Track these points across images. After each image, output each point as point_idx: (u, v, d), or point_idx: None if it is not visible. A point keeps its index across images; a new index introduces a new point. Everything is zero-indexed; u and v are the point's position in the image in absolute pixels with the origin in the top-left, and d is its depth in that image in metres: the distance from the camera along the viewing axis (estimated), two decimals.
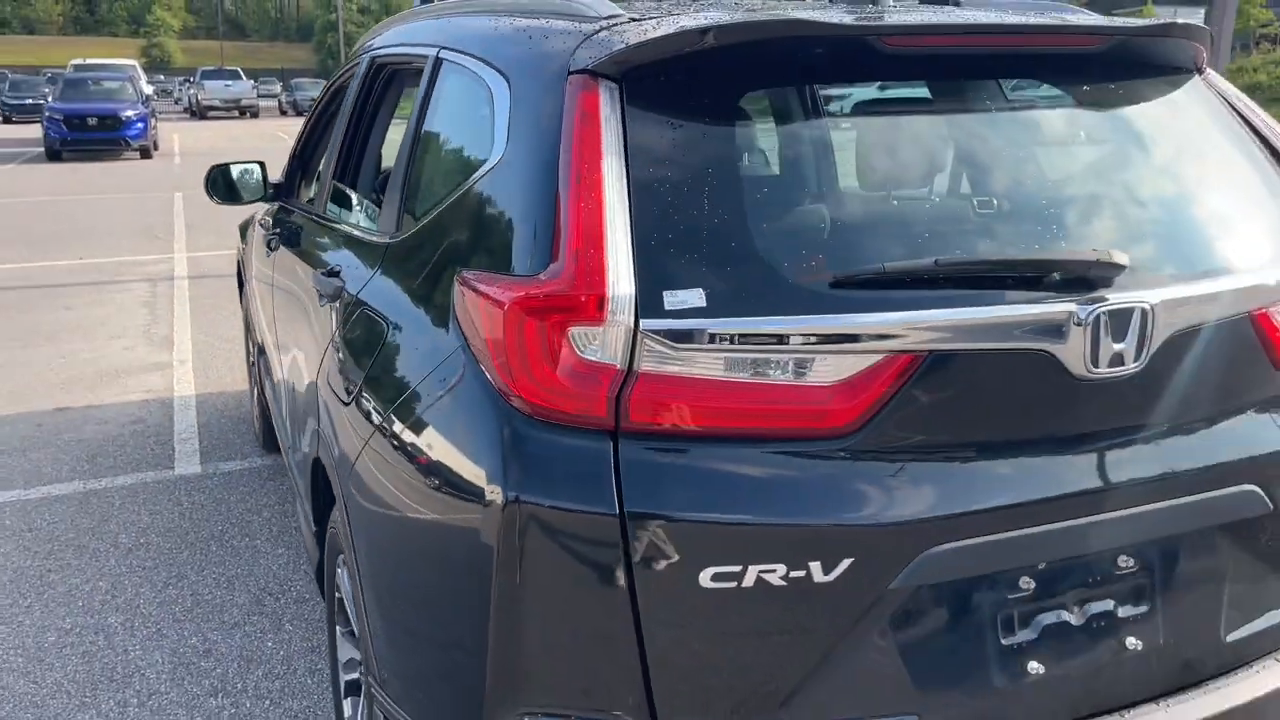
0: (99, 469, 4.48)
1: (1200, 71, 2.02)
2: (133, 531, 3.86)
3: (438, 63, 2.27)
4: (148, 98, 24.74)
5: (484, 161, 1.78)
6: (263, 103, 47.95)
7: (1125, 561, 1.70)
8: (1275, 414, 1.79)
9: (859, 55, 1.68)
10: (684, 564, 1.44)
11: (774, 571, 1.45)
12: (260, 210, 4.29)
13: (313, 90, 46.03)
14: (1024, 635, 1.63)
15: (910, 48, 1.68)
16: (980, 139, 1.78)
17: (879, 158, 1.80)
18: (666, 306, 1.44)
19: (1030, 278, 1.56)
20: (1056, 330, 1.54)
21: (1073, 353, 1.55)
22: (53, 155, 21.51)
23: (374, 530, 1.85)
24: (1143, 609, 1.72)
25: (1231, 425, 1.75)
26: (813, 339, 1.46)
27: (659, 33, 1.58)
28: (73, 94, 22.94)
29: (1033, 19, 1.79)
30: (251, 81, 43.10)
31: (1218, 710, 1.75)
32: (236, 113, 41.17)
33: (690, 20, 1.62)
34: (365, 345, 2.02)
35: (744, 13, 1.69)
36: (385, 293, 2.03)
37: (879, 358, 1.48)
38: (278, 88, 51.70)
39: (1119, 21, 1.89)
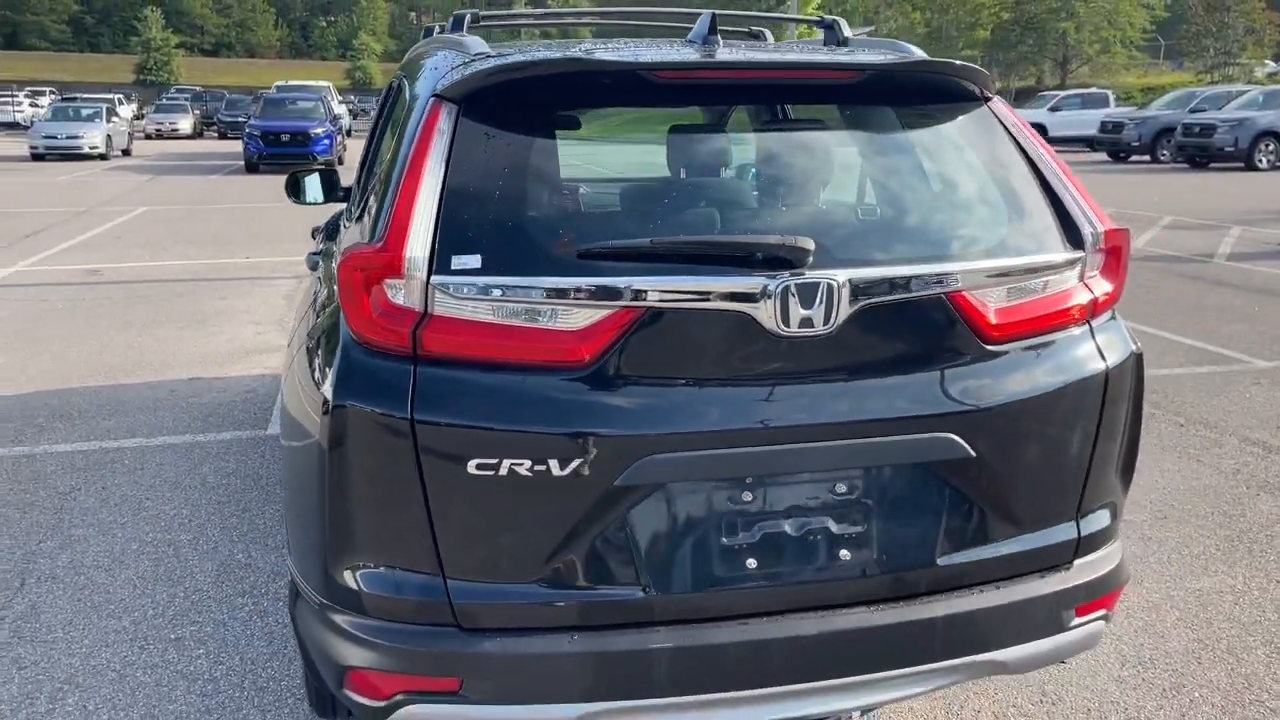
0: (208, 426, 5.33)
1: (986, 100, 2.41)
2: (219, 474, 4.64)
3: (399, 85, 2.88)
4: (336, 116, 26.82)
5: (392, 162, 2.36)
6: None
7: (842, 488, 2.12)
8: (977, 378, 2.16)
9: (634, 83, 2.18)
10: (455, 456, 1.96)
11: (521, 465, 1.96)
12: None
13: None
14: (745, 538, 2.07)
15: (675, 79, 2.17)
16: (721, 149, 2.25)
17: (637, 162, 2.30)
18: (453, 267, 1.98)
19: (732, 256, 2.01)
20: (751, 297, 1.98)
21: (766, 315, 1.99)
22: (250, 168, 23.67)
23: (284, 435, 2.46)
24: (858, 529, 2.12)
25: (933, 383, 2.13)
26: (558, 295, 1.97)
27: (489, 66, 2.13)
28: (271, 112, 25.18)
29: (775, 56, 2.25)
30: None
31: (920, 617, 2.14)
32: None
33: (517, 58, 2.17)
34: (309, 305, 2.65)
35: (559, 52, 2.22)
36: (325, 265, 2.66)
37: (609, 311, 1.97)
38: None
39: (881, 58, 2.32)
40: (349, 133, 32.02)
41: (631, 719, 2.07)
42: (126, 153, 30.31)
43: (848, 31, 2.96)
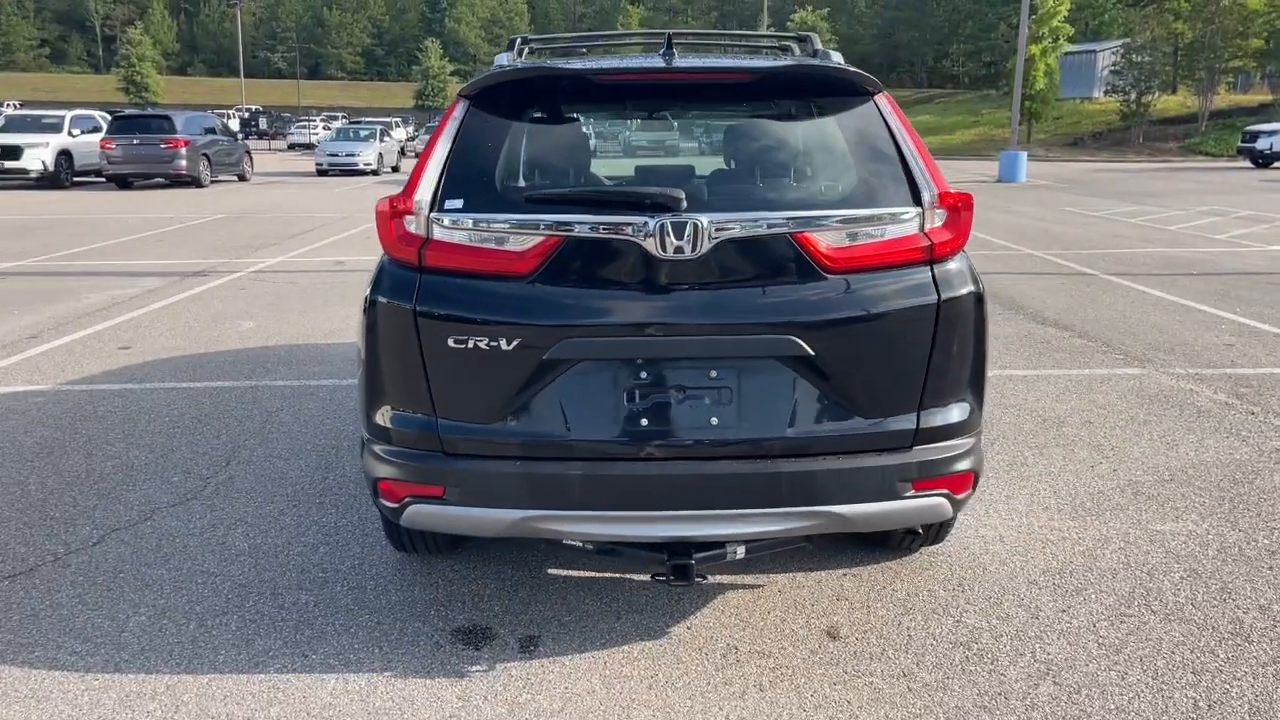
0: (335, 373, 6.61)
1: (872, 95, 3.16)
2: (318, 403, 5.87)
3: None
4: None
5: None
6: None
7: (713, 374, 2.94)
8: (816, 297, 2.91)
9: (586, 86, 3.10)
10: (441, 334, 2.94)
11: (482, 341, 2.91)
12: None
13: None
14: (641, 404, 2.93)
15: (614, 81, 3.07)
16: (647, 132, 3.11)
17: (587, 140, 3.19)
18: (445, 206, 2.97)
19: (627, 203, 2.89)
20: (639, 230, 2.85)
21: (651, 244, 2.85)
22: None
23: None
24: (726, 405, 2.94)
25: (779, 298, 2.91)
26: (510, 226, 2.92)
27: (492, 73, 3.12)
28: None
29: (694, 64, 3.10)
30: None
31: (771, 471, 2.92)
32: None
33: (509, 68, 3.14)
34: None
35: (537, 63, 3.17)
36: None
37: (541, 238, 2.90)
38: None
39: (779, 64, 3.13)
40: None
41: (552, 524, 2.98)
42: (395, 169, 33.76)
43: (818, 44, 3.77)
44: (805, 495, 2.96)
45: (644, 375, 2.95)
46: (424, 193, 3.00)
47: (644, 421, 2.94)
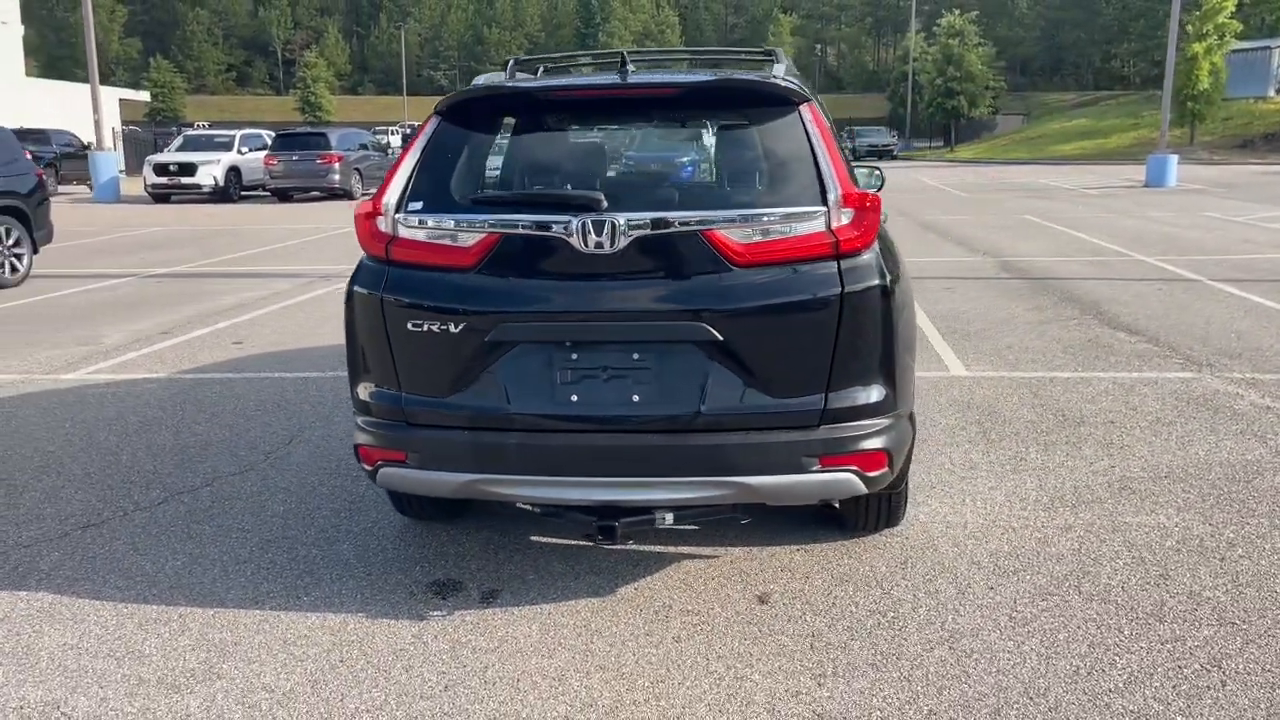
0: None
1: (797, 105, 3.45)
2: None
3: None
4: None
5: None
6: None
7: (635, 356, 3.30)
8: (725, 288, 3.22)
9: (536, 101, 3.51)
10: (403, 319, 3.40)
11: (434, 325, 3.36)
12: None
13: (873, 136, 49.09)
14: (572, 381, 3.32)
15: (559, 96, 3.47)
16: (591, 140, 3.49)
17: (536, 147, 3.60)
18: (409, 208, 3.43)
19: (555, 204, 3.28)
20: (563, 228, 3.24)
21: (575, 239, 3.23)
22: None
23: None
24: (647, 384, 3.29)
25: (691, 288, 3.24)
26: (458, 225, 3.36)
27: (457, 92, 3.57)
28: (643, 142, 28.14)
29: (630, 79, 3.47)
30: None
31: (686, 444, 3.25)
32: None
33: (473, 87, 3.58)
34: None
35: (494, 83, 3.59)
36: None
37: (482, 235, 3.33)
38: None
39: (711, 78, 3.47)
40: None
41: (494, 487, 3.39)
42: None
43: (781, 59, 4.09)
44: (716, 467, 3.28)
45: (574, 356, 3.33)
46: (391, 196, 3.47)
47: (573, 397, 3.32)
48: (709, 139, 3.60)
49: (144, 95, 77.94)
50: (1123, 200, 21.76)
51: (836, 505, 3.84)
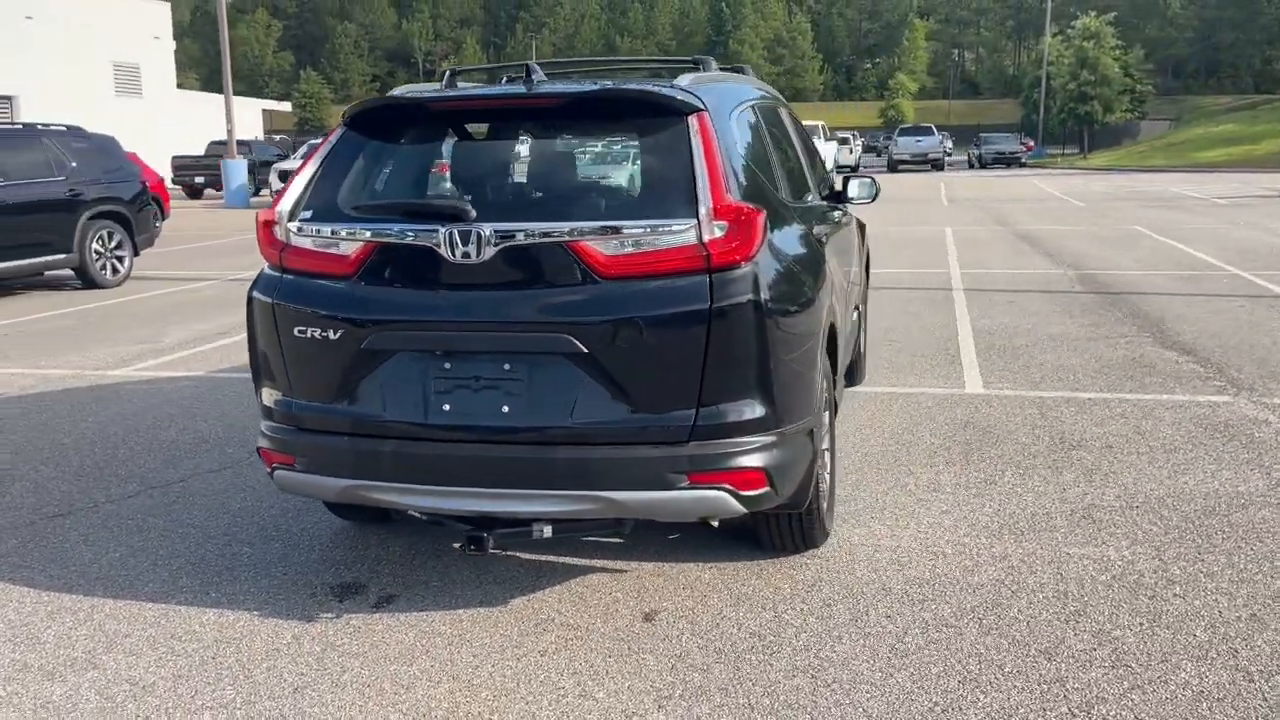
0: None
1: (684, 116, 3.39)
2: None
3: None
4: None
5: None
6: (959, 155, 50.88)
7: (506, 366, 3.29)
8: (590, 299, 3.17)
9: (428, 112, 3.54)
10: (291, 325, 3.47)
11: (318, 331, 3.42)
12: None
13: (1000, 143, 47.56)
14: (444, 392, 3.32)
15: (449, 107, 3.49)
16: (477, 150, 3.50)
17: (423, 156, 3.62)
18: (300, 217, 3.51)
19: (426, 213, 3.30)
20: (433, 238, 3.25)
21: (444, 249, 3.24)
22: None
23: None
24: (517, 395, 3.27)
25: (557, 299, 3.21)
26: (337, 234, 3.41)
27: (357, 103, 3.63)
28: None
29: (516, 90, 3.46)
30: (940, 136, 46.09)
31: (553, 456, 3.22)
32: (928, 166, 44.52)
33: (371, 98, 3.64)
34: None
35: (391, 94, 3.64)
36: None
37: (360, 244, 3.37)
38: (949, 143, 54.26)
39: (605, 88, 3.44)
40: (831, 166, 33.99)
41: (371, 493, 3.43)
42: None
43: (712, 66, 4.03)
44: (583, 480, 3.24)
45: (447, 366, 3.35)
46: (286, 204, 3.55)
47: (446, 407, 3.34)
48: (594, 149, 3.58)
49: (286, 106, 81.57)
50: (1253, 211, 20.49)
51: (715, 525, 3.74)
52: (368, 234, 3.39)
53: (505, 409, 3.29)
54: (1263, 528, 4.16)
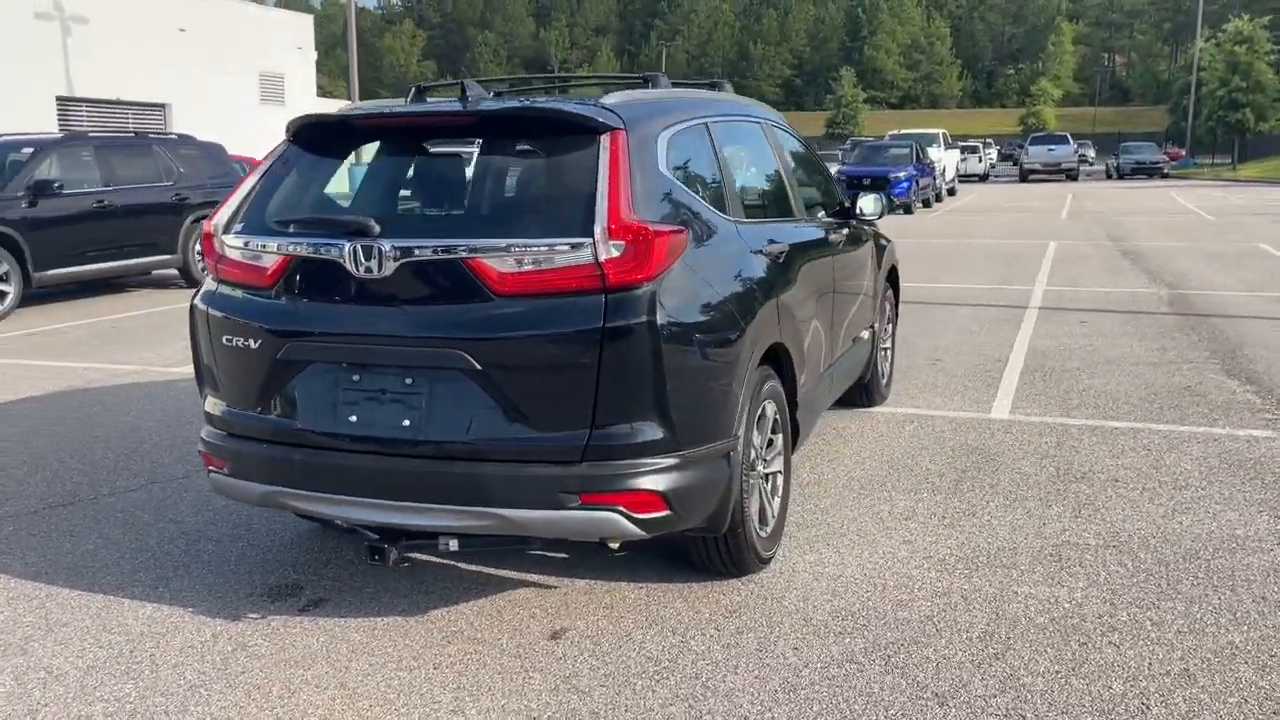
0: None
1: (599, 134, 3.37)
2: None
3: None
4: (929, 163, 28.17)
5: None
6: (1099, 165, 48.75)
7: (409, 380, 3.34)
8: (484, 317, 3.19)
9: (355, 129, 3.62)
10: (214, 333, 3.60)
11: (240, 341, 3.54)
12: None
13: (1140, 153, 45.42)
14: (352, 403, 3.39)
15: (373, 125, 3.57)
16: (395, 166, 3.56)
17: (337, 174, 3.68)
18: (232, 230, 3.63)
19: (334, 229, 3.37)
20: (339, 252, 3.33)
21: (348, 262, 3.31)
22: None
23: None
24: (418, 409, 3.32)
25: (453, 316, 3.23)
26: (259, 246, 3.52)
27: (297, 118, 3.74)
28: (863, 158, 27.46)
29: (436, 108, 3.50)
30: (1075, 145, 44.29)
31: (450, 471, 3.24)
32: (1062, 176, 42.87)
33: (310, 114, 3.75)
34: None
35: (328, 112, 3.73)
36: None
37: (278, 258, 3.47)
38: (1092, 152, 51.91)
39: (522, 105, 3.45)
40: (952, 176, 33.07)
41: (286, 500, 3.53)
42: None
43: (664, 83, 4.02)
44: (478, 496, 3.26)
45: (355, 378, 3.42)
46: (222, 217, 3.69)
47: (353, 418, 3.41)
48: (505, 167, 3.59)
49: None
50: None
51: (614, 547, 3.69)
52: (282, 247, 3.49)
53: (406, 422, 3.34)
54: (1241, 576, 3.88)
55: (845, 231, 5.47)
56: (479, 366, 3.22)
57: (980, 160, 46.49)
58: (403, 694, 3.17)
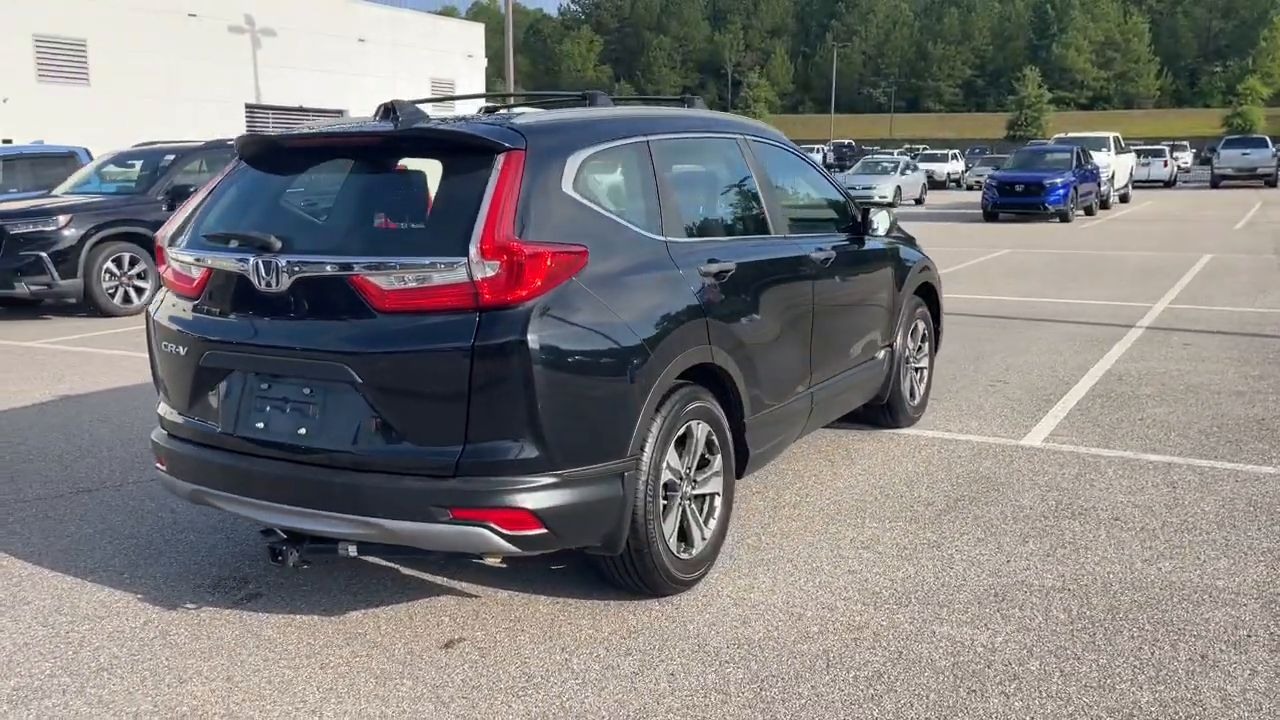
0: None
1: (497, 153, 3.42)
2: None
3: None
4: (1093, 169, 26.72)
5: None
6: None
7: (306, 390, 3.48)
8: (364, 332, 3.29)
9: (283, 149, 3.79)
10: (157, 339, 3.85)
11: (171, 346, 3.77)
12: None
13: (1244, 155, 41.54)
14: (259, 410, 3.56)
15: (296, 145, 3.72)
16: (309, 183, 3.69)
17: (264, 190, 3.83)
18: (175, 243, 3.87)
19: (242, 245, 3.54)
20: (243, 264, 3.50)
21: (252, 276, 3.48)
22: (988, 216, 25.23)
23: None
24: (312, 418, 3.45)
25: (338, 330, 3.35)
26: (190, 259, 3.74)
27: (242, 136, 3.94)
28: (1020, 163, 26.33)
29: (347, 128, 3.62)
30: (1274, 149, 40.95)
31: (333, 480, 3.36)
32: (1260, 182, 39.80)
33: (251, 133, 3.95)
34: None
35: (269, 131, 3.90)
36: None
37: (202, 269, 3.68)
38: None
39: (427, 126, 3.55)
40: (1124, 182, 31.22)
41: (208, 499, 3.74)
42: (919, 201, 34.09)
43: (603, 101, 4.05)
44: (359, 505, 3.38)
45: (265, 386, 3.59)
46: (170, 229, 3.94)
47: (260, 424, 3.58)
48: (402, 185, 3.69)
49: None
50: None
51: (494, 562, 3.70)
52: (203, 260, 3.71)
53: (303, 430, 3.48)
54: (1193, 631, 3.58)
55: (845, 248, 5.31)
56: (360, 380, 3.33)
57: (1166, 164, 43.66)
58: (276, 690, 3.31)
